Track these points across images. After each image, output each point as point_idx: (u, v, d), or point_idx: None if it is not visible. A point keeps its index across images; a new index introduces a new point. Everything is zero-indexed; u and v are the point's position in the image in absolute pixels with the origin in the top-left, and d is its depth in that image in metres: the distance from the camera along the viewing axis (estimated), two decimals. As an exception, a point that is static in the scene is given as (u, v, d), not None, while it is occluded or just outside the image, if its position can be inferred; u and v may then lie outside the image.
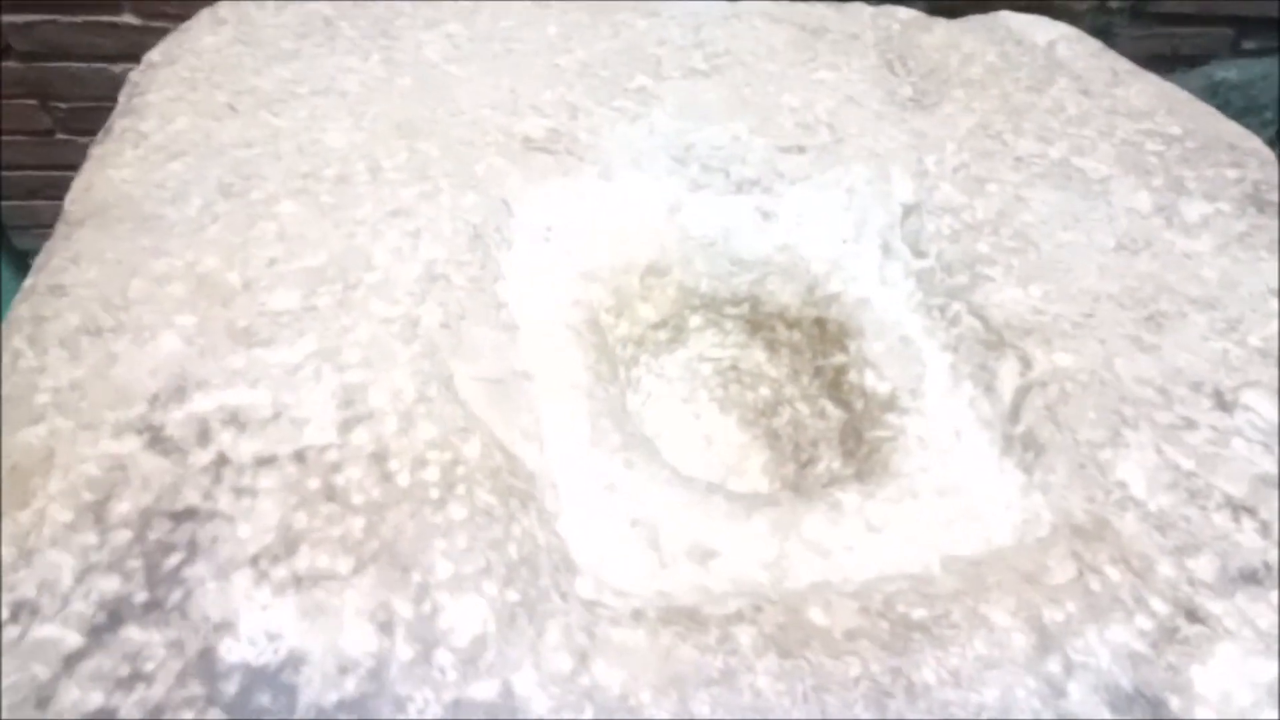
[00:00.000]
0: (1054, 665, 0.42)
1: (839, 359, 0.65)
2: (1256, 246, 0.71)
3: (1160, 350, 0.62)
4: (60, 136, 1.53)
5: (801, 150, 0.73)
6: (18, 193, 1.60)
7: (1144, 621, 0.45)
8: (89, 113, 1.48)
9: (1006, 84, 0.85)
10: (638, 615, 0.42)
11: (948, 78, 0.85)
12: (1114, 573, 0.47)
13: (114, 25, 1.36)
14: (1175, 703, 0.42)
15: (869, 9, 0.93)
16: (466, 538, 0.43)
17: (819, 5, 0.93)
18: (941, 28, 0.92)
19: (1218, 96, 2.08)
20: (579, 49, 0.78)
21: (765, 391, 0.71)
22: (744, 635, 0.42)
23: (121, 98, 0.65)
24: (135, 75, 0.67)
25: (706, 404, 0.73)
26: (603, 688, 0.39)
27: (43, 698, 0.35)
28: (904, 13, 0.94)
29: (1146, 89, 0.89)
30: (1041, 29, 0.95)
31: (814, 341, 0.67)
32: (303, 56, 0.71)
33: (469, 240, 0.58)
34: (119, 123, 0.62)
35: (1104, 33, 2.03)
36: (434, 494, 0.44)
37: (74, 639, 0.37)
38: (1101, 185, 0.75)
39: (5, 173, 1.56)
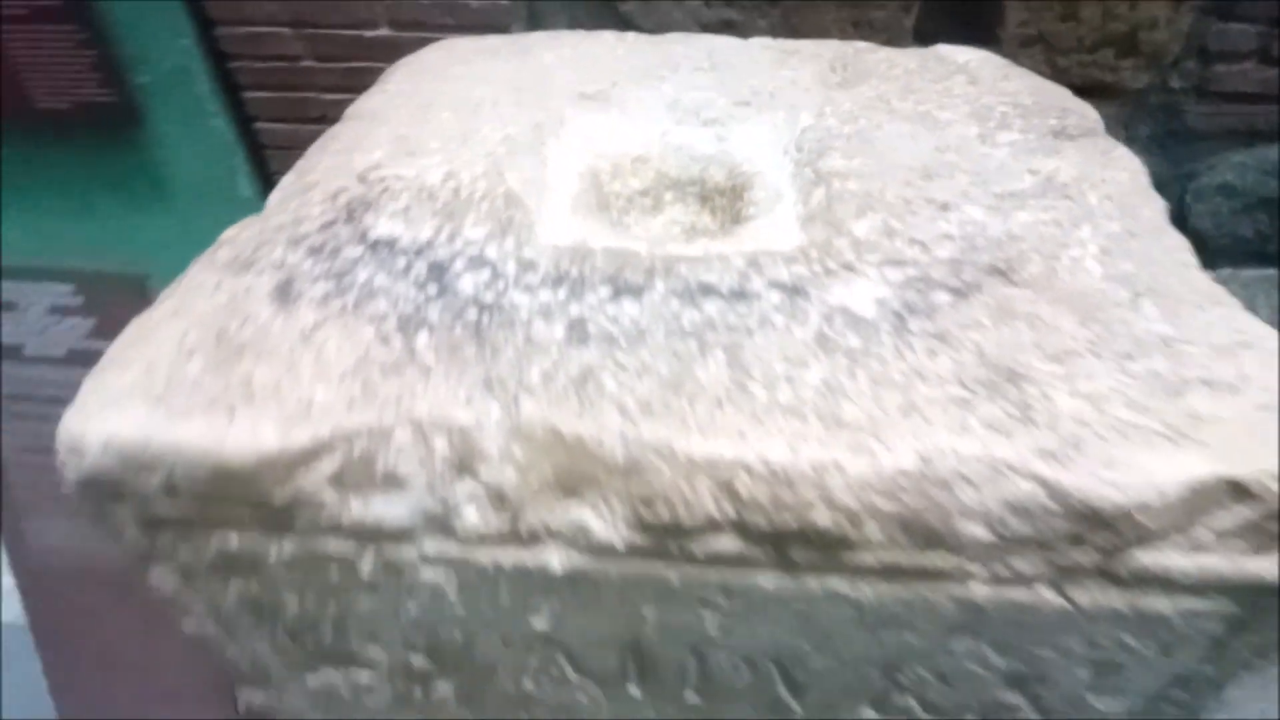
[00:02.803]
0: (757, 282, 0.85)
1: (739, 206, 1.10)
2: (1037, 152, 1.08)
3: (923, 188, 1.01)
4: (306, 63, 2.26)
5: (748, 104, 1.21)
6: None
7: (817, 267, 0.86)
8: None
9: (914, 77, 1.28)
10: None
11: (870, 75, 1.29)
12: (824, 262, 0.88)
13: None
14: (813, 293, 0.83)
15: (838, 42, 1.40)
16: (488, 212, 0.94)
17: (805, 41, 1.41)
18: (885, 52, 1.37)
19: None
20: (633, 58, 1.32)
21: (711, 241, 1.16)
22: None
23: (379, 80, 1.27)
24: (387, 71, 1.29)
25: (679, 253, 1.19)
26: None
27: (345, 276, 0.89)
28: (863, 45, 1.39)
29: (1030, 83, 1.28)
30: (963, 52, 1.36)
31: (730, 201, 1.13)
32: (476, 64, 1.30)
33: (533, 128, 1.11)
34: (375, 86, 1.23)
35: (1171, 111, 2.25)
36: (484, 206, 0.96)
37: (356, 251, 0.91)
38: (946, 125, 1.15)
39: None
